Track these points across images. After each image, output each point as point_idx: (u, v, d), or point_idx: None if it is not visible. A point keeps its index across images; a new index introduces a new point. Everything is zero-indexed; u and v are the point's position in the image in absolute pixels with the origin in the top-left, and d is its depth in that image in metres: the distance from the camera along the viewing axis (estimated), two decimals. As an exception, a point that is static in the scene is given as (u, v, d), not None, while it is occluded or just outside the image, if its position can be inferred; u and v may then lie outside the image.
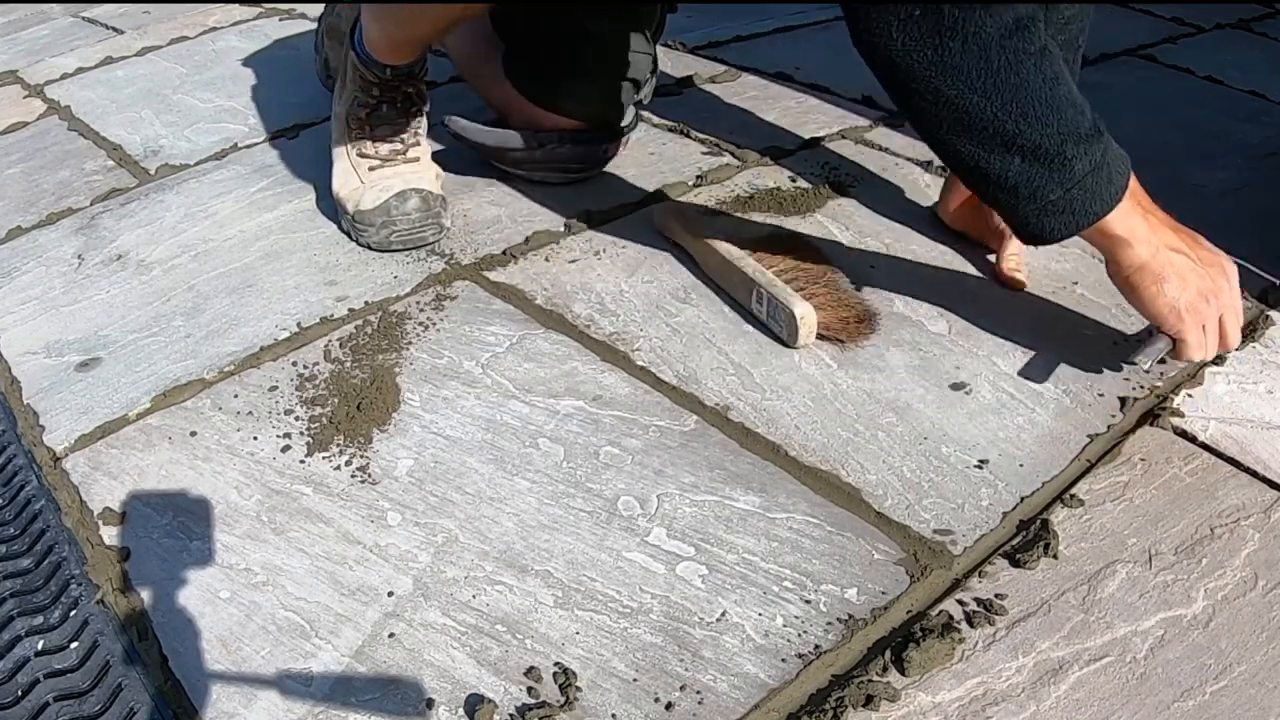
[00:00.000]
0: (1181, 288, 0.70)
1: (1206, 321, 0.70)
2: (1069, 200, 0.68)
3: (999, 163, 0.67)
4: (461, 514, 0.65)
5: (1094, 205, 0.68)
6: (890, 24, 0.64)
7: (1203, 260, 0.71)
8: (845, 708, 0.51)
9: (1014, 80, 0.64)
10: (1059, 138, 0.65)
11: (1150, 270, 0.70)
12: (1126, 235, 0.70)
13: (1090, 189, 0.67)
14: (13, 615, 0.60)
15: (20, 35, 1.79)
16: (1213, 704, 0.52)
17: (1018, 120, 0.65)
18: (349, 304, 0.87)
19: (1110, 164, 0.68)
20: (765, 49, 1.49)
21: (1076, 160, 0.66)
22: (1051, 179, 0.67)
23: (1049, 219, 0.69)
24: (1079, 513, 0.64)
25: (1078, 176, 0.67)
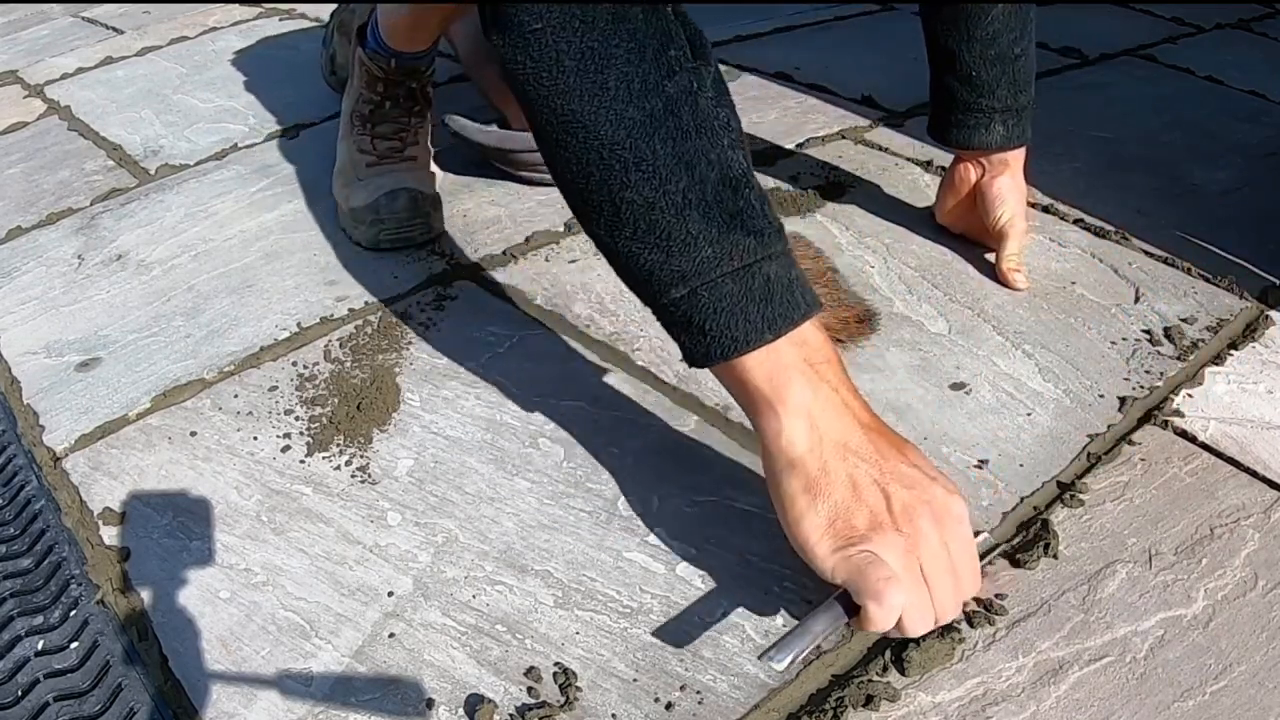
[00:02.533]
0: (847, 509, 0.49)
1: (891, 573, 0.47)
2: (698, 307, 0.49)
3: (607, 230, 0.51)
4: (461, 514, 0.65)
5: (731, 325, 0.49)
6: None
7: (897, 480, 0.50)
8: (845, 708, 0.51)
9: (621, 100, 0.48)
10: (678, 204, 0.48)
11: (805, 471, 0.49)
12: (772, 395, 0.50)
13: (728, 298, 0.49)
14: (13, 615, 0.60)
15: (20, 35, 1.79)
16: (1213, 704, 0.52)
17: (627, 166, 0.48)
18: (349, 304, 0.87)
19: (770, 281, 0.50)
20: (765, 49, 1.49)
21: (704, 243, 0.48)
22: (670, 263, 0.49)
23: (682, 328, 0.51)
24: (1079, 513, 0.64)
25: (706, 271, 0.49)
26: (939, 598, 0.49)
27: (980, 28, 0.82)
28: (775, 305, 0.50)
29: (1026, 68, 0.84)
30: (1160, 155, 1.11)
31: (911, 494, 0.49)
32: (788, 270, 0.51)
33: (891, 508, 0.49)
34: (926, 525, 0.49)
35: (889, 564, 0.47)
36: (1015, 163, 0.87)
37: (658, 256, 0.49)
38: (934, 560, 0.49)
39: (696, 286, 0.50)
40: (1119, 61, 1.43)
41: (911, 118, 1.20)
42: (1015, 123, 0.85)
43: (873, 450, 0.50)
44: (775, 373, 0.50)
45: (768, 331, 0.50)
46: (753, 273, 0.49)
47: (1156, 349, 0.78)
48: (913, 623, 0.49)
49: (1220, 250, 0.92)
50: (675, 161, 0.48)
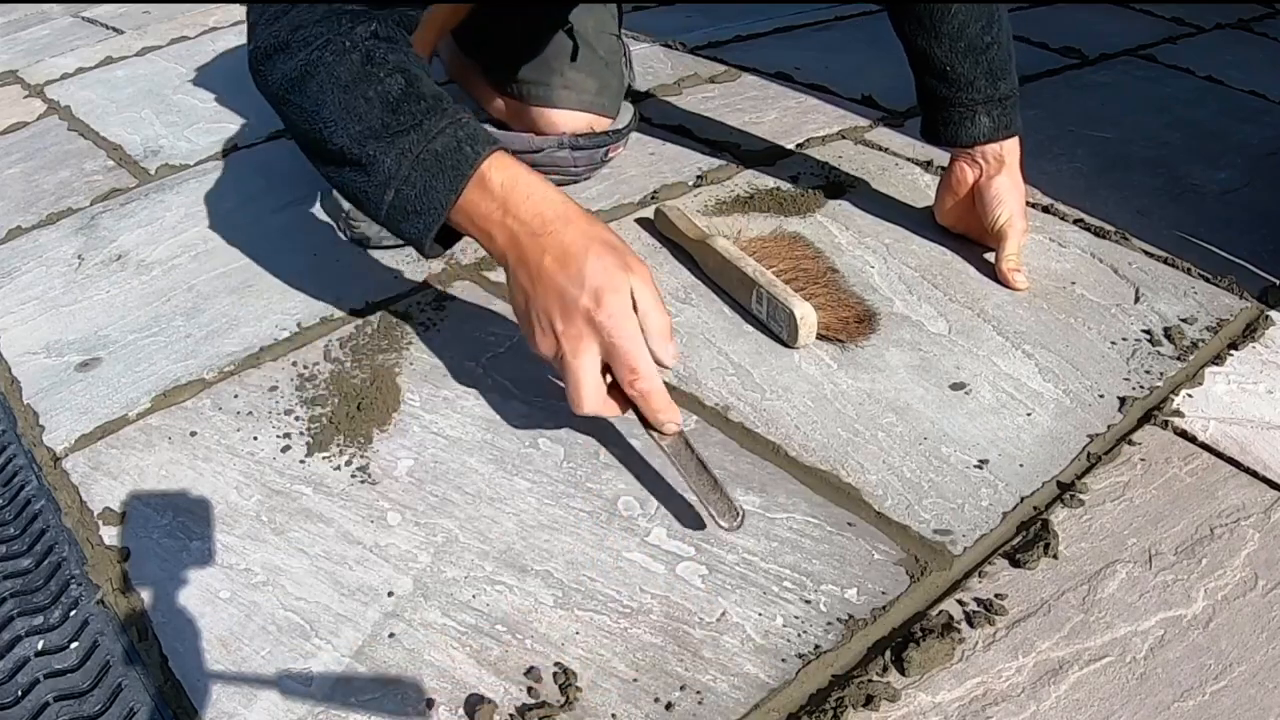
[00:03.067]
0: (517, 309, 0.65)
1: (555, 328, 0.62)
2: (404, 200, 0.65)
3: (338, 178, 0.68)
4: (461, 514, 0.65)
5: (431, 198, 0.64)
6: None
7: (547, 306, 0.62)
8: (845, 708, 0.51)
9: (310, 92, 0.65)
10: (359, 139, 0.64)
11: (507, 277, 0.65)
12: (486, 243, 0.65)
13: (418, 183, 0.64)
14: (13, 615, 0.60)
15: (20, 35, 1.79)
16: (1213, 704, 0.52)
17: (322, 131, 0.65)
18: (349, 304, 0.87)
19: (439, 154, 0.64)
20: (765, 49, 1.49)
21: (383, 157, 0.64)
22: (372, 181, 0.65)
23: (405, 223, 0.66)
24: (1079, 513, 0.64)
25: (395, 173, 0.64)
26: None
27: (945, 23, 0.83)
28: (448, 171, 0.64)
29: (1001, 56, 0.84)
30: (1160, 155, 1.11)
31: (548, 308, 0.62)
32: (454, 135, 0.64)
33: (538, 312, 0.63)
34: (558, 325, 0.62)
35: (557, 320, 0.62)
36: (1012, 161, 0.87)
37: (365, 179, 0.66)
38: (613, 329, 0.61)
39: (397, 187, 0.65)
40: (1119, 61, 1.43)
41: (911, 118, 1.20)
42: (1000, 112, 0.85)
43: (532, 276, 0.63)
44: (472, 224, 0.65)
45: (452, 192, 0.64)
46: (424, 157, 0.64)
47: (1156, 349, 0.78)
48: (573, 395, 0.63)
49: (1220, 250, 0.92)
50: (344, 111, 0.64)
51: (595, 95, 1.02)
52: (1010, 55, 0.85)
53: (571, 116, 1.01)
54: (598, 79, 1.02)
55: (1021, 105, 0.89)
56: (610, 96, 1.04)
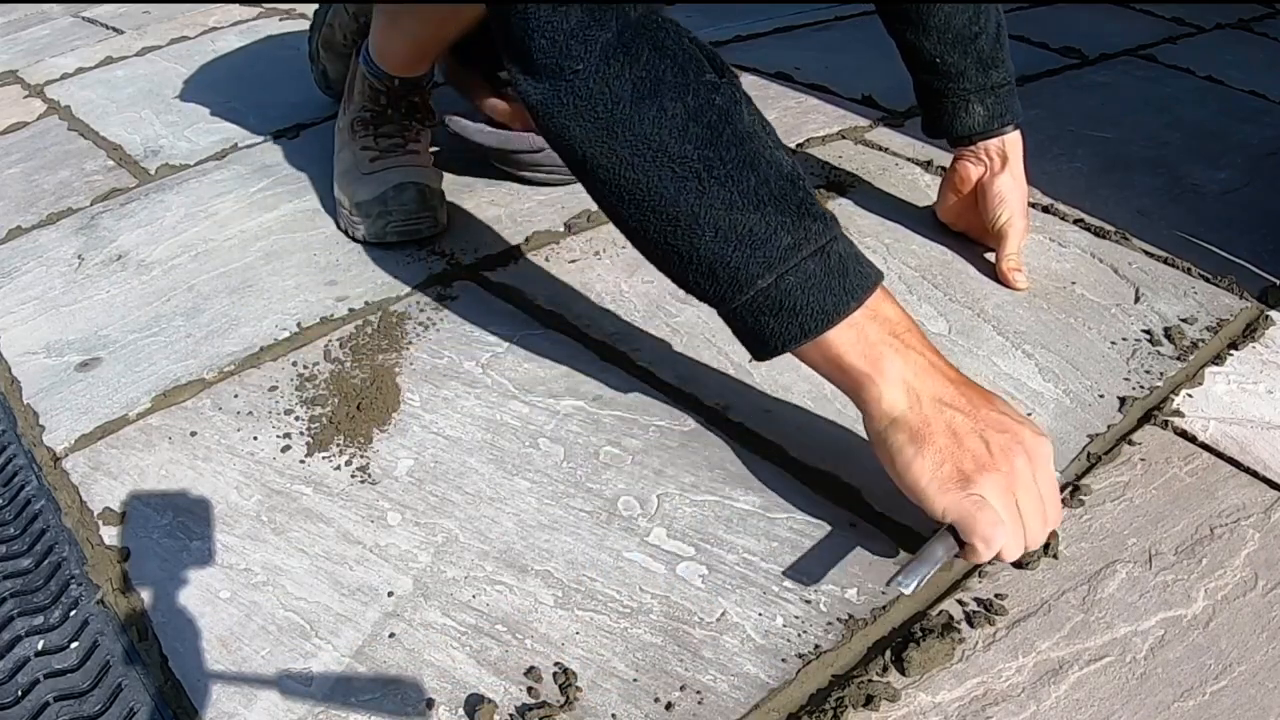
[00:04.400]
0: (952, 454, 0.54)
1: (991, 504, 0.53)
2: (784, 291, 0.54)
3: (682, 244, 0.55)
4: (461, 514, 0.65)
5: (820, 300, 0.54)
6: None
7: (991, 426, 0.55)
8: (845, 708, 0.51)
9: (684, 128, 0.53)
10: (755, 200, 0.53)
11: (908, 425, 0.54)
12: (869, 369, 0.54)
13: (812, 277, 0.53)
14: (13, 615, 0.60)
15: (20, 35, 1.79)
16: (1213, 704, 0.51)
17: (699, 176, 0.53)
18: (349, 304, 0.87)
19: (843, 258, 0.55)
20: (765, 49, 1.49)
21: (783, 233, 0.53)
22: (752, 256, 0.53)
23: (773, 318, 0.55)
24: (1079, 513, 0.64)
25: (788, 258, 0.53)
26: (1031, 528, 0.54)
27: (933, 15, 0.84)
28: (851, 277, 0.55)
29: (990, 46, 0.85)
30: (1160, 155, 1.11)
31: (1005, 437, 0.54)
32: (851, 247, 0.57)
33: (991, 450, 0.54)
34: (1021, 464, 0.54)
35: (994, 506, 0.53)
36: (1015, 159, 0.87)
37: (743, 252, 0.54)
38: (1028, 496, 0.54)
39: (783, 272, 0.54)
40: (1119, 61, 1.43)
41: (911, 118, 1.20)
42: (994, 101, 0.86)
43: (965, 402, 0.55)
44: (867, 349, 0.55)
45: (851, 300, 0.54)
46: (828, 252, 0.54)
47: (1156, 349, 0.78)
48: (1010, 552, 0.54)
49: (1220, 250, 0.92)
50: (742, 164, 0.53)
51: None
52: (1001, 46, 0.86)
53: None
54: None
55: (1022, 105, 0.89)
56: None
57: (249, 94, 1.37)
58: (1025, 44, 1.49)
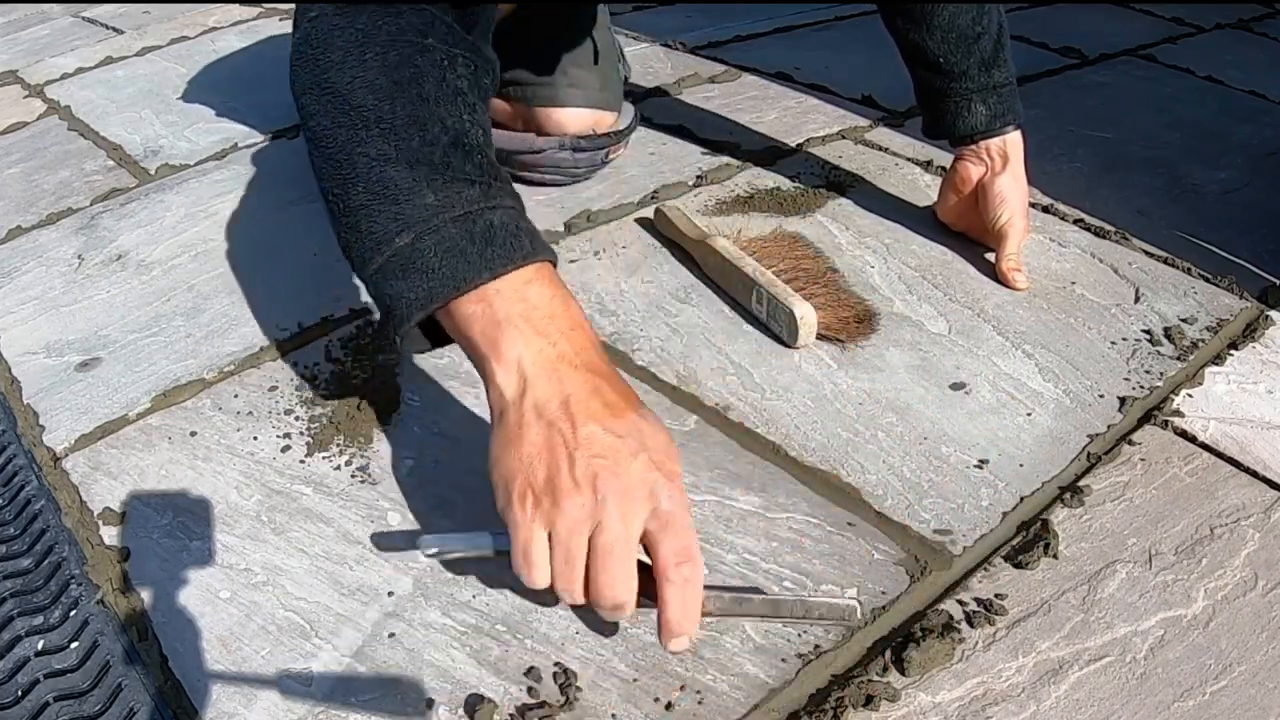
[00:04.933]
0: (531, 466, 0.49)
1: (534, 529, 0.48)
2: (419, 252, 0.51)
3: (343, 190, 0.54)
4: (461, 514, 0.65)
5: (453, 265, 0.51)
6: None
7: (591, 451, 0.48)
8: (845, 708, 0.51)
9: (373, 70, 0.53)
10: (410, 159, 0.52)
11: (506, 421, 0.51)
12: (488, 350, 0.51)
13: (450, 240, 0.51)
14: (13, 615, 0.60)
15: (20, 35, 1.79)
16: (1213, 704, 0.52)
17: (371, 125, 0.53)
18: (349, 304, 0.87)
19: (494, 228, 0.52)
20: (765, 49, 1.49)
21: (426, 192, 0.51)
22: (391, 213, 0.52)
23: (401, 281, 0.52)
24: (1079, 513, 0.64)
25: (428, 218, 0.51)
26: (557, 573, 0.49)
27: (937, 15, 0.84)
28: (496, 248, 0.51)
29: (993, 46, 0.85)
30: (1160, 155, 1.11)
31: (599, 463, 0.48)
32: (515, 221, 0.53)
33: (573, 473, 0.48)
34: (575, 505, 0.47)
35: (537, 533, 0.48)
36: (1016, 158, 0.87)
37: (386, 206, 0.52)
38: (560, 547, 0.48)
39: (421, 232, 0.52)
40: (1119, 61, 1.43)
41: (911, 118, 1.20)
42: (996, 100, 0.86)
43: (572, 416, 0.49)
44: (491, 325, 0.51)
45: (485, 270, 0.51)
46: (474, 219, 0.52)
47: (1156, 349, 0.78)
48: (530, 581, 0.50)
49: (1220, 250, 0.92)
50: (410, 122, 0.52)
51: (599, 92, 1.02)
52: (1004, 46, 0.86)
53: (577, 114, 1.01)
54: (599, 76, 1.02)
55: (1022, 105, 0.89)
56: (613, 92, 1.04)
57: (249, 94, 1.37)
58: (1025, 44, 1.49)
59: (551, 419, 0.49)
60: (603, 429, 0.49)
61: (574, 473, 0.48)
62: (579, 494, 0.47)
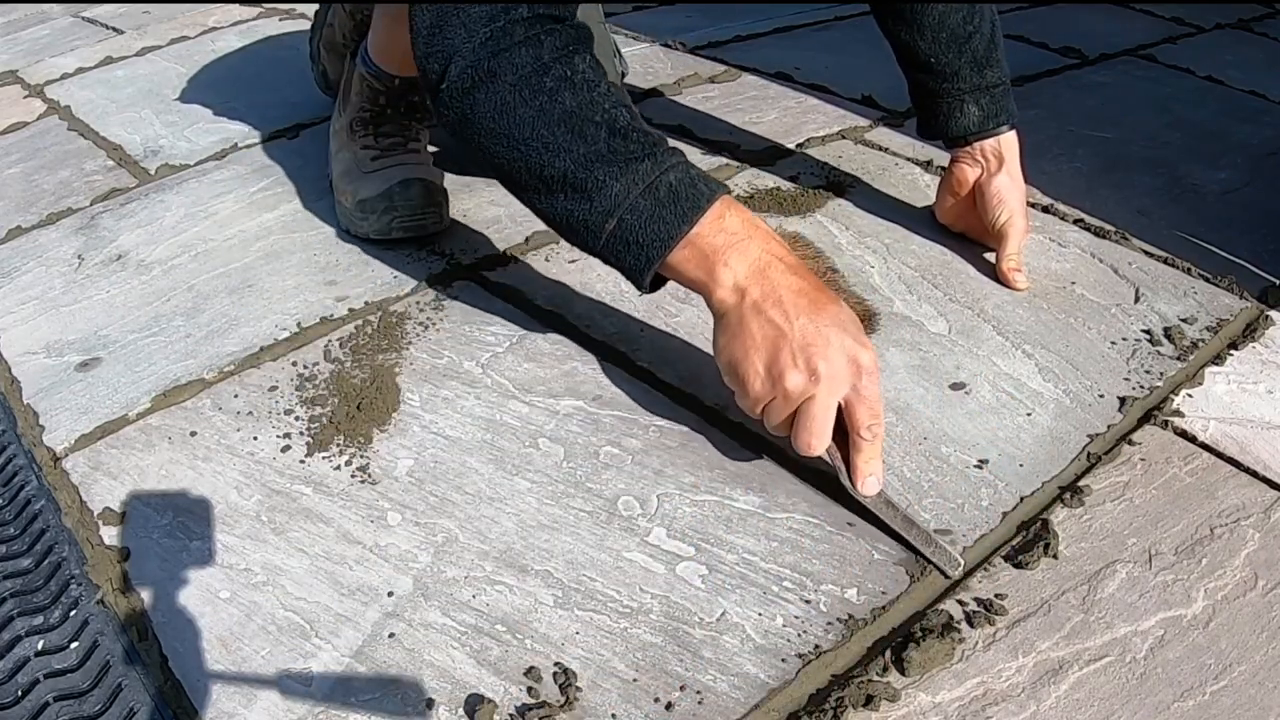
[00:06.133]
0: (751, 350, 0.61)
1: (765, 393, 0.61)
2: (627, 229, 0.63)
3: (549, 205, 0.66)
4: (461, 514, 0.65)
5: (655, 230, 0.62)
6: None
7: (800, 339, 0.60)
8: (845, 708, 0.51)
9: (523, 119, 0.64)
10: (584, 163, 0.63)
11: (727, 324, 0.63)
12: (707, 278, 0.63)
13: (644, 212, 0.62)
14: (13, 615, 0.60)
15: (20, 35, 1.80)
16: (1213, 704, 0.52)
17: (540, 156, 0.64)
18: (349, 304, 0.87)
19: (673, 187, 0.62)
20: (765, 49, 1.49)
21: (612, 182, 0.62)
22: (595, 208, 0.63)
23: (626, 253, 0.64)
24: (1079, 513, 0.64)
25: (623, 200, 0.62)
26: (802, 428, 0.61)
27: (927, 15, 0.84)
28: (683, 202, 0.62)
29: (984, 46, 0.85)
30: (1160, 155, 1.11)
31: (811, 349, 0.60)
32: (686, 173, 0.64)
33: (793, 359, 0.60)
34: (796, 382, 0.60)
35: (760, 384, 0.61)
36: (1012, 159, 0.87)
37: (586, 205, 0.64)
38: (775, 409, 0.62)
39: (621, 215, 0.63)
40: (1119, 61, 1.43)
41: (911, 118, 1.19)
42: (989, 101, 0.86)
43: (786, 312, 0.61)
44: (702, 261, 0.62)
45: (683, 224, 0.62)
46: (657, 186, 0.62)
47: (1156, 349, 0.78)
48: (746, 406, 0.63)
49: (1220, 250, 0.92)
50: (570, 134, 0.63)
51: None
52: (996, 46, 0.86)
53: None
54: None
55: (1021, 105, 0.89)
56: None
57: (249, 94, 1.37)
58: (1025, 44, 1.49)
59: (769, 315, 0.61)
60: (810, 321, 0.60)
61: (793, 359, 0.60)
62: (797, 373, 0.59)
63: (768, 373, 0.61)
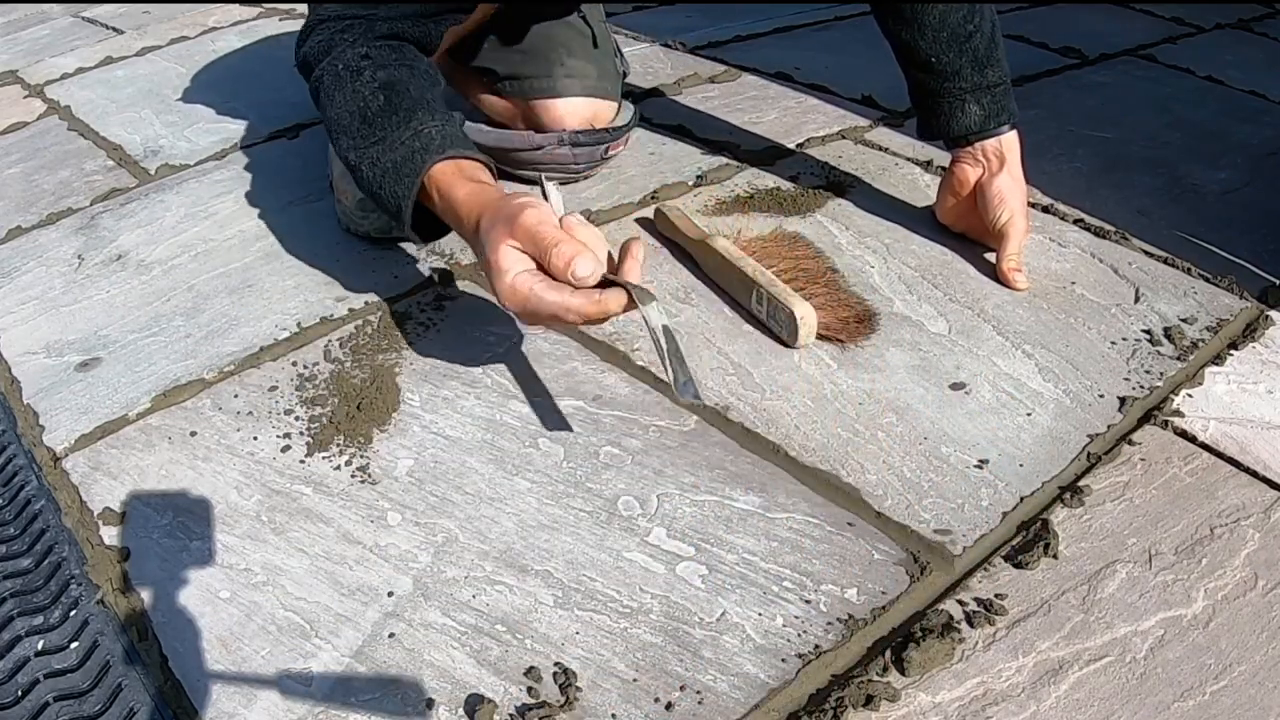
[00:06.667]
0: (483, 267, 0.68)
1: (507, 297, 0.65)
2: (383, 203, 0.74)
3: (355, 180, 0.78)
4: (461, 514, 0.65)
5: (395, 200, 0.73)
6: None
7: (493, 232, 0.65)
8: (845, 708, 0.51)
9: (322, 104, 0.79)
10: (347, 150, 0.76)
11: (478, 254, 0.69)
12: (455, 220, 0.71)
13: (386, 188, 0.73)
14: (13, 615, 0.60)
15: (20, 35, 1.80)
16: (1213, 704, 0.52)
17: (333, 139, 0.79)
18: (349, 304, 0.87)
19: (398, 163, 0.72)
20: (765, 49, 1.49)
21: (362, 166, 0.75)
22: (363, 185, 0.76)
23: (393, 222, 0.75)
24: (1079, 513, 0.64)
25: (372, 179, 0.74)
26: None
27: (927, 14, 0.84)
28: (405, 178, 0.72)
29: (985, 45, 0.85)
30: (1160, 155, 1.11)
31: (487, 266, 0.65)
32: (409, 146, 0.73)
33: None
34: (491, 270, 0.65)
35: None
36: (1014, 159, 0.87)
37: (359, 182, 0.77)
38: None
39: (376, 191, 0.75)
40: (1119, 61, 1.43)
41: (911, 117, 1.19)
42: (990, 100, 0.86)
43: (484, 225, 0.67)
44: (445, 213, 0.72)
45: (408, 196, 0.72)
46: (384, 165, 0.74)
47: (1156, 349, 0.78)
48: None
49: (1220, 250, 0.92)
50: (336, 126, 0.77)
51: (597, 80, 1.02)
52: (996, 45, 0.86)
53: (576, 104, 1.01)
54: (596, 65, 1.02)
55: (1022, 105, 0.89)
56: (611, 81, 1.04)
57: (249, 94, 1.37)
58: (1025, 44, 1.49)
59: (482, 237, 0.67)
60: (475, 237, 0.68)
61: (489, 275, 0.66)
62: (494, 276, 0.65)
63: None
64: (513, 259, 0.63)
